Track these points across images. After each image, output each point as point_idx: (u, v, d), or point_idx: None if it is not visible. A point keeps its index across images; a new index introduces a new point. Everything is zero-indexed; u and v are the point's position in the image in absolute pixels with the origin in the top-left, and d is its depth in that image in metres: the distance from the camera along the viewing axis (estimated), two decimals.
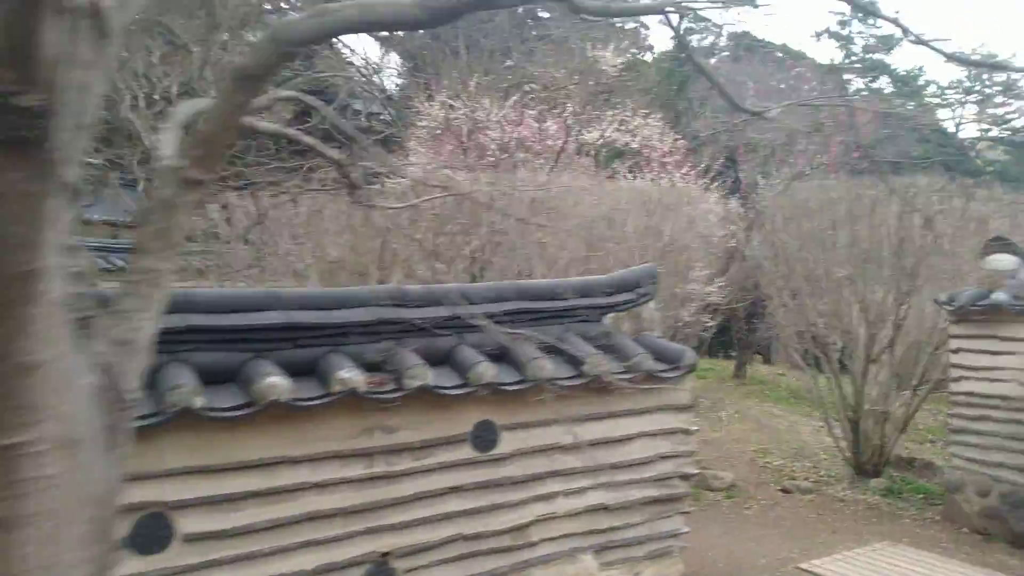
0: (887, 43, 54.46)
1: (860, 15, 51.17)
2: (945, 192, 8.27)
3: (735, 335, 13.87)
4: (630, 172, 11.03)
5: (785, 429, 10.44)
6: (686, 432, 4.24)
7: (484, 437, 3.52)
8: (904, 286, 7.41)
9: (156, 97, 7.81)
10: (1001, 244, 6.35)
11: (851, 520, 6.68)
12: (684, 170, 11.57)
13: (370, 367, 3.25)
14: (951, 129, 53.57)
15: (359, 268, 5.89)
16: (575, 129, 11.18)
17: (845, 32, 53.34)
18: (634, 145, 11.26)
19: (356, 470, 3.20)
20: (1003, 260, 6.26)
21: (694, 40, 42.43)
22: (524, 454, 3.63)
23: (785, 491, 7.48)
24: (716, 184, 11.84)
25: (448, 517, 3.40)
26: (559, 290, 3.96)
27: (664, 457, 4.11)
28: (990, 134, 53.95)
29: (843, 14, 53.57)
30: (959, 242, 8.00)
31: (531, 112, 11.37)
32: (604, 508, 3.89)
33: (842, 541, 6.06)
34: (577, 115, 11.09)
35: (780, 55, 49.99)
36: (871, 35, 53.89)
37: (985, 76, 54.58)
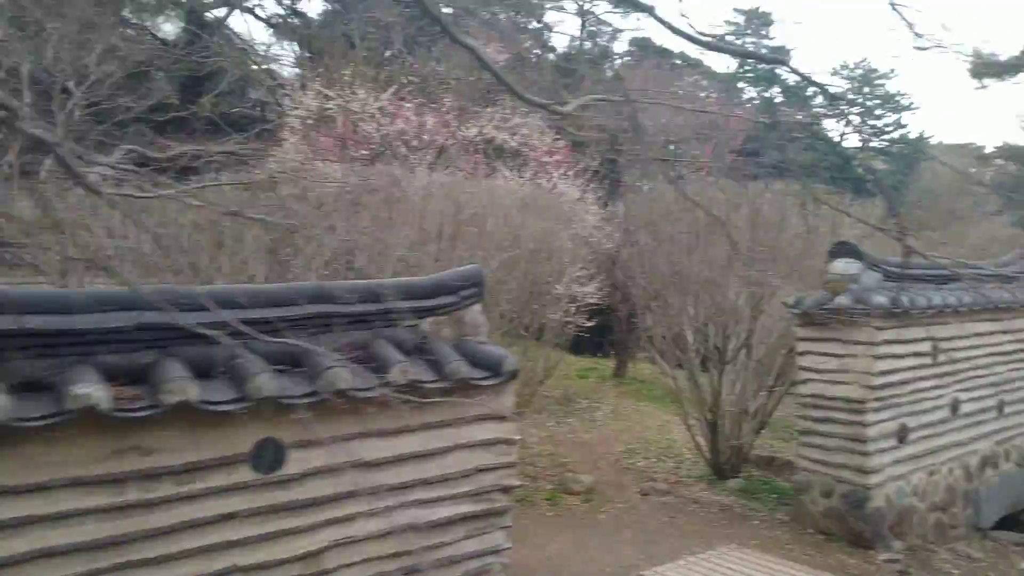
0: (779, 54, 56.79)
1: (754, 26, 52.87)
2: (801, 196, 8.44)
3: (616, 335, 13.94)
4: (510, 171, 10.83)
5: (656, 429, 10.50)
6: (508, 442, 4.01)
7: (267, 457, 3.17)
8: (758, 289, 7.51)
9: None
10: (847, 249, 6.48)
11: (703, 523, 6.69)
12: (563, 170, 11.48)
13: (122, 379, 2.85)
14: (836, 138, 56.20)
15: (173, 266, 5.37)
16: (454, 125, 10.88)
17: (740, 42, 55.42)
18: (512, 144, 11.06)
19: (103, 499, 2.79)
20: (847, 265, 6.38)
21: (591, 43, 42.93)
22: (318, 473, 3.30)
23: (643, 493, 7.45)
24: (595, 185, 11.82)
25: (220, 548, 3.03)
26: (368, 293, 3.65)
27: (483, 470, 3.87)
28: (871, 144, 57.25)
29: (738, 25, 55.56)
30: (816, 246, 8.18)
31: (408, 105, 11.00)
32: (414, 527, 3.61)
33: (691, 545, 6.03)
34: (457, 111, 10.81)
35: (679, 62, 51.37)
36: (764, 46, 56.19)
37: (866, 89, 57.75)
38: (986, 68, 20.57)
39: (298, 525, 3.25)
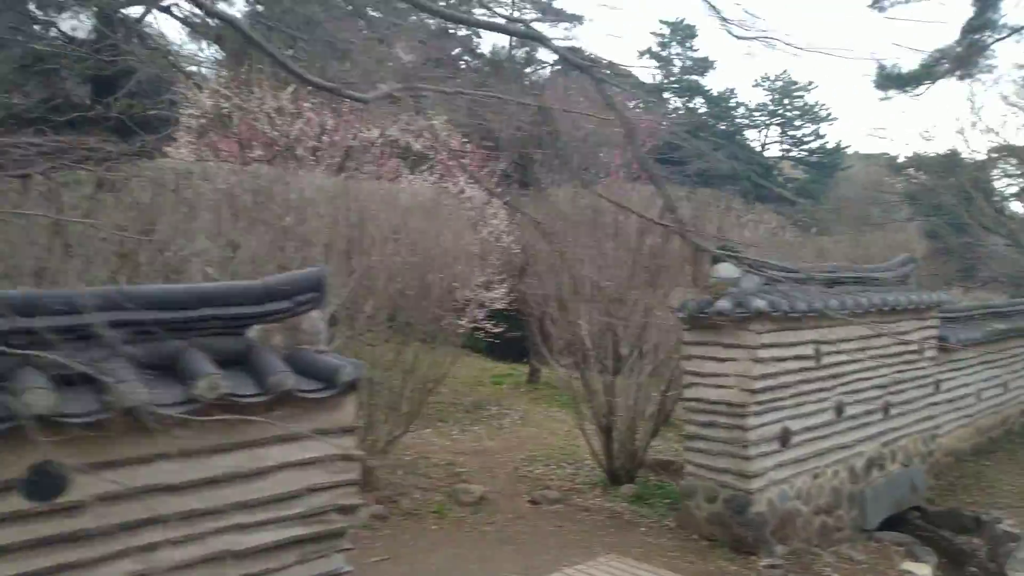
0: (703, 66, 58.17)
1: (678, 38, 53.86)
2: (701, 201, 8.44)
3: (528, 341, 13.80)
4: (414, 174, 10.57)
5: (564, 435, 10.37)
6: (347, 459, 3.74)
7: (43, 483, 2.83)
8: (647, 293, 7.45)
9: None
10: (728, 253, 6.45)
11: (588, 532, 6.55)
12: (471, 174, 11.28)
13: None
14: (757, 148, 57.84)
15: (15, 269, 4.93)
16: (356, 127, 10.56)
17: (665, 53, 56.46)
18: (417, 146, 10.81)
19: None
20: (728, 269, 6.35)
21: (520, 51, 43.10)
22: (110, 499, 2.97)
23: (534, 502, 7.27)
24: (504, 188, 11.66)
25: None
26: (180, 298, 3.34)
27: (316, 489, 3.60)
28: (791, 154, 59.02)
29: (663, 36, 56.58)
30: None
31: (307, 105, 10.62)
32: (232, 555, 3.31)
33: (571, 556, 5.87)
34: (358, 112, 10.48)
35: (608, 72, 51.80)
36: (688, 57, 57.41)
37: (786, 100, 59.48)
38: (889, 80, 21.39)
39: (83, 558, 2.92)
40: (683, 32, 50.67)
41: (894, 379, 7.87)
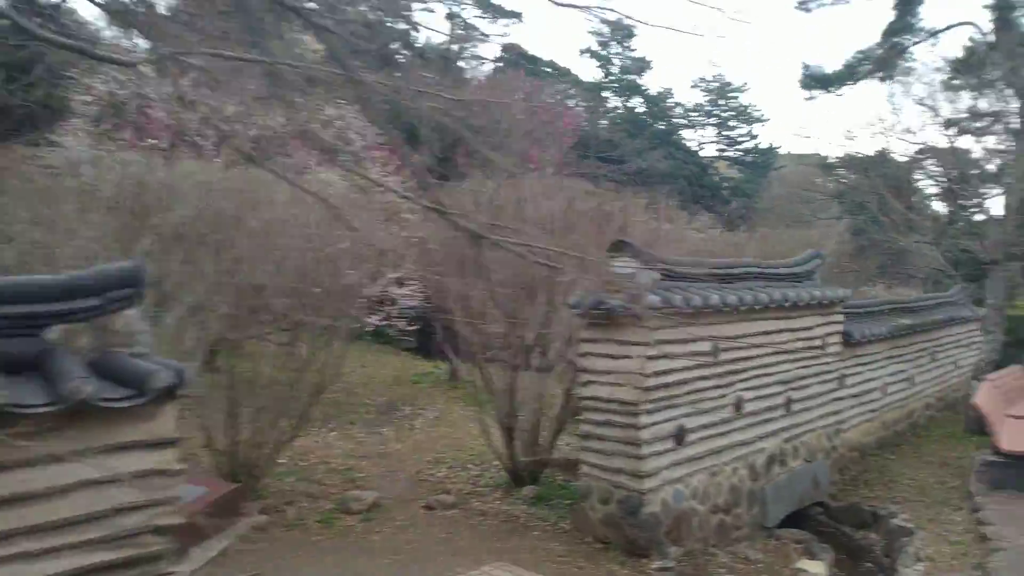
0: (641, 66, 58.82)
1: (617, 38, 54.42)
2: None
3: (447, 338, 13.50)
4: (319, 164, 10.14)
5: (477, 434, 10.09)
6: (166, 474, 3.37)
7: None
8: (543, 293, 7.23)
9: None
10: (624, 247, 6.27)
11: (480, 538, 6.29)
12: (386, 166, 10.91)
13: None
14: (694, 148, 58.51)
15: None
16: (259, 114, 10.05)
17: (604, 53, 56.87)
18: (326, 137, 10.37)
19: None
20: (624, 263, 6.17)
21: (459, 46, 42.67)
22: None
23: (428, 508, 6.98)
24: (423, 182, 11.31)
25: None
26: None
27: (126, 509, 3.23)
28: (726, 154, 60.06)
29: (603, 35, 56.90)
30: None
31: (207, 91, 10.07)
32: None
33: (457, 565, 5.60)
34: (261, 99, 9.97)
35: (548, 70, 52.09)
36: (627, 57, 57.95)
37: (722, 101, 60.51)
38: (814, 80, 21.78)
39: None
40: (622, 32, 51.08)
41: (797, 374, 7.84)
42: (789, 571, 6.39)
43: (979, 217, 16.04)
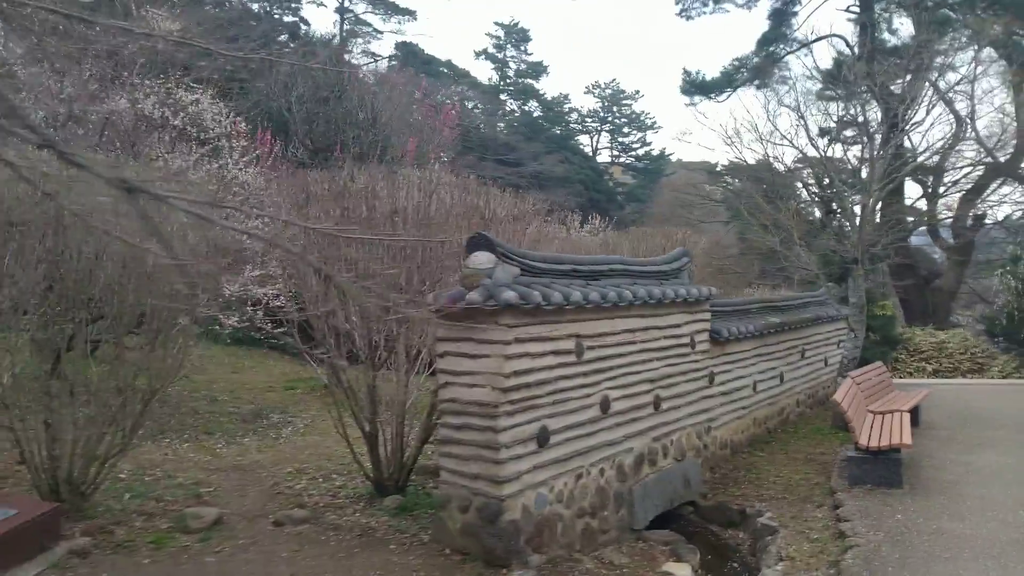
0: (537, 70, 59.19)
1: (512, 40, 54.65)
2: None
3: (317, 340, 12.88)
4: (169, 152, 9.36)
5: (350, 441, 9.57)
6: None
7: None
8: (418, 285, 6.85)
9: None
10: (482, 241, 5.96)
11: (328, 555, 5.81)
12: (244, 155, 10.21)
13: None
14: (590, 152, 59.54)
15: None
16: (99, 96, 9.19)
17: (500, 56, 56.94)
18: (175, 122, 9.59)
19: None
20: (481, 258, 5.87)
21: (357, 44, 41.61)
22: None
23: (277, 524, 6.43)
24: (287, 172, 10.69)
25: None
26: None
27: None
28: (620, 160, 61.28)
29: (498, 38, 57.11)
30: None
31: (36, 70, 9.11)
32: None
33: None
34: (99, 79, 9.12)
35: (445, 71, 51.59)
36: (523, 61, 58.11)
37: (615, 108, 61.82)
38: (694, 87, 22.37)
39: None
40: (517, 35, 51.38)
41: (665, 373, 7.77)
42: (654, 575, 6.24)
43: (845, 221, 16.83)
